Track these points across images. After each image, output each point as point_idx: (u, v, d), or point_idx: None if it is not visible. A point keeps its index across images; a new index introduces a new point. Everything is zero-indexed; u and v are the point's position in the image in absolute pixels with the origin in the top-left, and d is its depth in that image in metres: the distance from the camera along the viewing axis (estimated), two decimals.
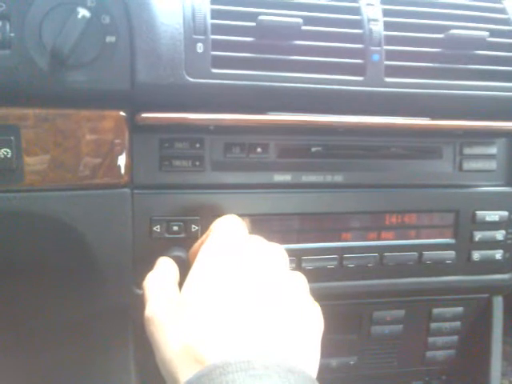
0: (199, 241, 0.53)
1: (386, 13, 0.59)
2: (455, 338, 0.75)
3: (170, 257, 0.54)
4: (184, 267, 0.52)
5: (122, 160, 0.53)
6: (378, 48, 0.58)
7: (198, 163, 0.57)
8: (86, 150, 0.52)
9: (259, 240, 0.50)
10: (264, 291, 0.43)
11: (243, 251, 0.47)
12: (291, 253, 0.53)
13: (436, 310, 0.73)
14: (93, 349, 0.65)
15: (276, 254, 0.48)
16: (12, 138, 0.50)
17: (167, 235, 0.57)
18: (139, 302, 0.48)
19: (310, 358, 0.41)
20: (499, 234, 0.67)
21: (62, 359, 0.67)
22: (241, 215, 0.56)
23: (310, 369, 0.40)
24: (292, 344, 0.40)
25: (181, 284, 0.47)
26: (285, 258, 0.49)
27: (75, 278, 0.59)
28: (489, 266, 0.68)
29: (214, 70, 0.53)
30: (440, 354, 0.76)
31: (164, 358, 0.41)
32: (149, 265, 0.53)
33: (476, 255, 0.67)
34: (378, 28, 0.58)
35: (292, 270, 0.48)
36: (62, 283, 0.59)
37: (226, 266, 0.45)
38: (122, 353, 0.64)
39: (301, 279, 0.47)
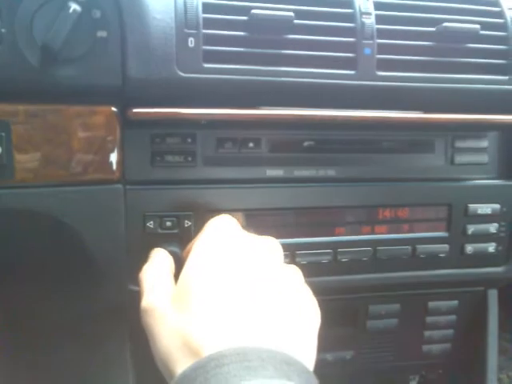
0: (194, 240, 0.53)
1: (378, 6, 0.59)
2: (451, 331, 0.76)
3: None
4: (178, 263, 0.52)
5: (113, 156, 0.53)
6: (370, 41, 0.58)
7: (190, 158, 0.57)
8: (77, 145, 0.52)
9: (253, 235, 0.50)
10: (260, 283, 0.43)
11: (238, 244, 0.47)
12: (285, 247, 0.53)
13: (431, 304, 0.73)
14: (89, 347, 0.65)
15: (271, 247, 0.48)
16: (3, 134, 0.49)
17: (160, 231, 0.56)
18: (134, 298, 0.48)
19: (306, 349, 0.41)
20: (492, 227, 0.67)
21: (59, 358, 0.67)
22: (234, 210, 0.56)
23: (307, 360, 0.40)
24: (288, 336, 0.40)
25: (175, 278, 0.47)
26: (279, 252, 0.49)
27: (69, 276, 0.59)
28: (482, 258, 0.68)
29: (206, 65, 0.53)
30: (436, 348, 0.76)
31: (160, 350, 0.41)
32: (143, 260, 0.53)
33: (469, 248, 0.67)
34: (370, 21, 0.58)
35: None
36: (57, 281, 0.59)
37: (222, 259, 0.45)
38: (119, 350, 0.64)
39: (296, 272, 0.47)
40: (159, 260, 0.52)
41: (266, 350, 0.36)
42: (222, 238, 0.48)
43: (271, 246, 0.48)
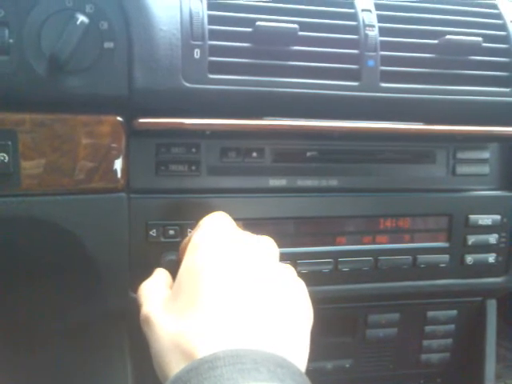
0: (187, 238, 0.52)
1: (381, 19, 0.59)
2: (450, 340, 0.76)
3: (166, 260, 0.54)
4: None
5: (118, 164, 0.54)
6: (373, 53, 0.58)
7: (194, 168, 0.58)
8: (83, 154, 0.52)
9: (249, 233, 0.50)
10: (253, 284, 0.43)
11: (232, 244, 0.46)
12: (286, 257, 0.53)
13: (430, 313, 0.73)
14: (89, 352, 0.65)
15: (266, 245, 0.48)
16: (9, 142, 0.50)
17: (163, 239, 0.57)
18: (135, 306, 0.49)
19: (299, 351, 0.41)
20: (492, 238, 0.68)
21: (58, 362, 0.67)
22: (237, 219, 0.56)
23: (300, 362, 0.40)
24: (281, 338, 0.40)
25: None
26: (275, 250, 0.49)
27: (72, 282, 0.59)
28: (482, 269, 0.69)
29: (211, 76, 0.54)
30: (435, 357, 0.76)
31: (155, 354, 0.41)
32: (145, 269, 0.53)
33: (469, 259, 0.67)
34: (373, 34, 0.58)
35: None
36: (59, 287, 0.60)
37: (215, 260, 0.44)
38: (119, 356, 0.64)
39: (290, 270, 0.47)
40: (157, 276, 0.52)
41: (259, 353, 0.36)
42: (216, 238, 0.47)
43: (266, 245, 0.48)
